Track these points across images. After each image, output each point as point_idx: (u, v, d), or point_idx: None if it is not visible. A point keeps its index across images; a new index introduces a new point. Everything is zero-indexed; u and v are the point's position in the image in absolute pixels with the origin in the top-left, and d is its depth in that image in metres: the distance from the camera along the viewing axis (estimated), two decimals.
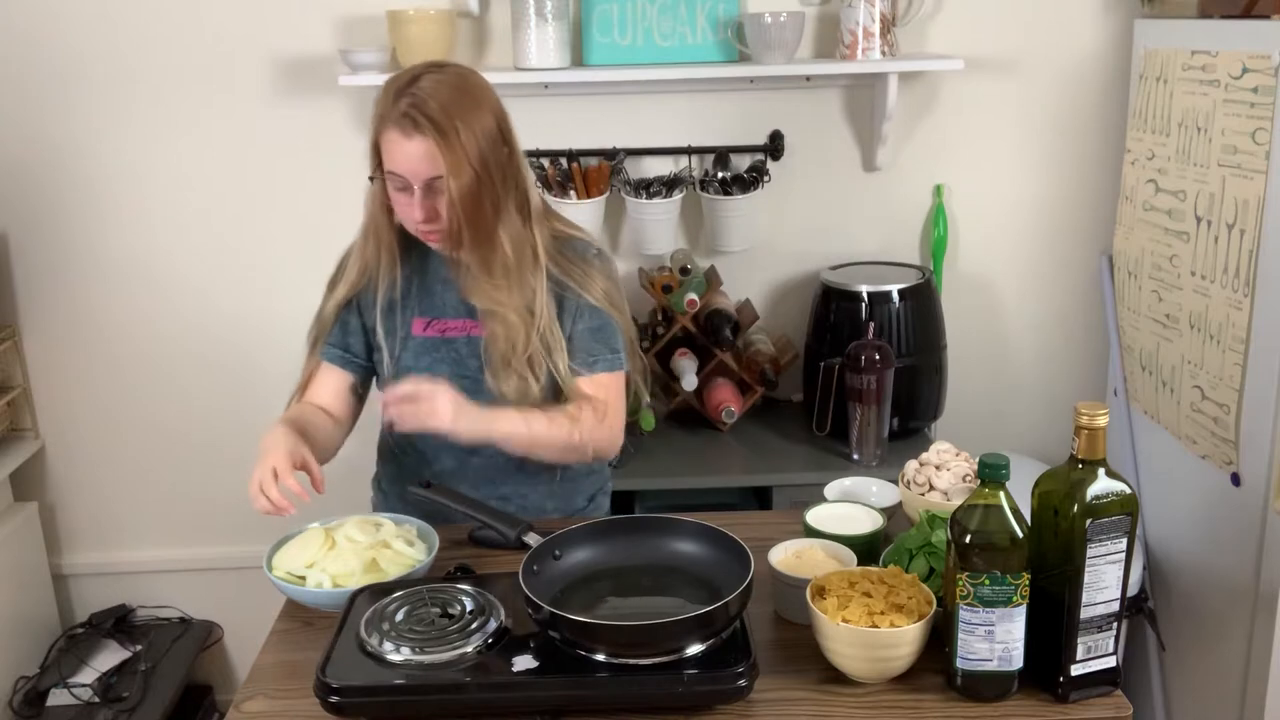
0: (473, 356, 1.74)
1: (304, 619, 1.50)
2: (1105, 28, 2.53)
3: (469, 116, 1.59)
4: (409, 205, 1.62)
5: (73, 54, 2.49)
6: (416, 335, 1.76)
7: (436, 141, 1.56)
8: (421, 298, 1.77)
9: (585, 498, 1.90)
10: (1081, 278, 2.69)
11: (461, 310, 1.75)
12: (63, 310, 2.64)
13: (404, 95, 1.58)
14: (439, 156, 1.57)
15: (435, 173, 1.58)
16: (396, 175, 1.61)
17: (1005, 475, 1.24)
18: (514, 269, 1.68)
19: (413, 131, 1.56)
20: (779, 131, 2.55)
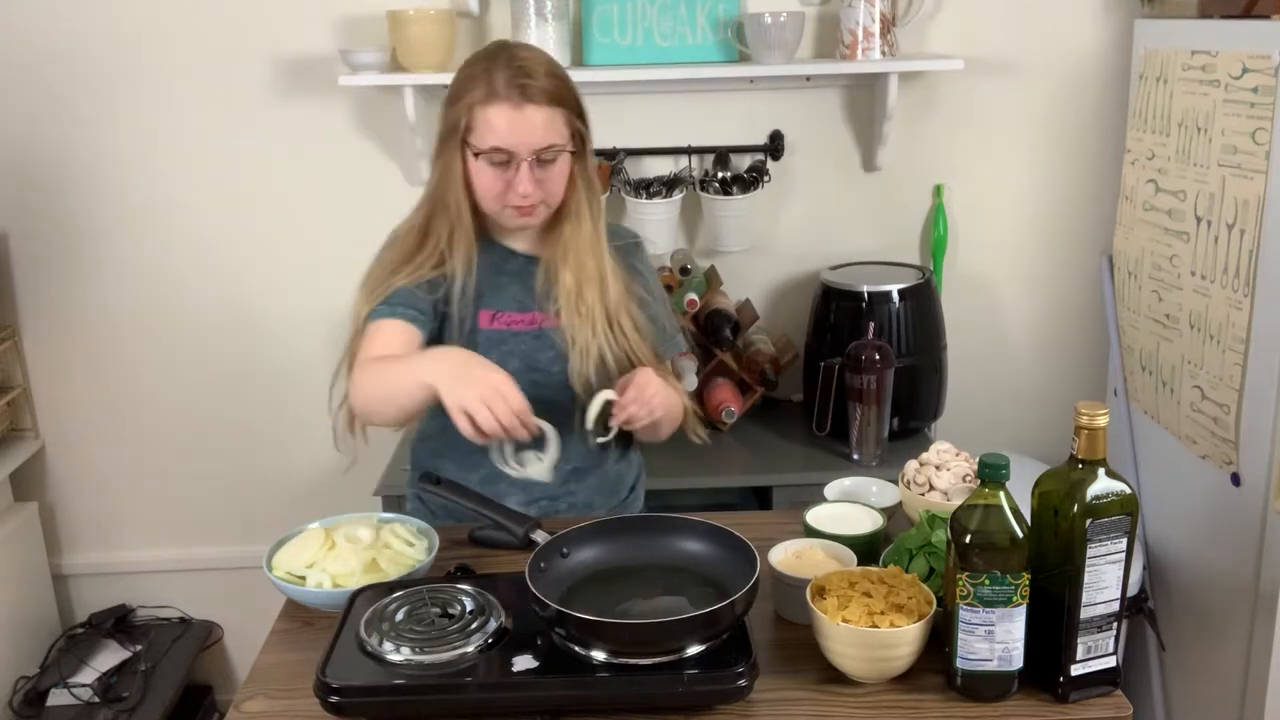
0: (541, 350, 1.72)
1: (304, 619, 1.50)
2: (1105, 28, 2.53)
3: (567, 84, 1.61)
4: (507, 180, 1.59)
5: (73, 54, 2.49)
6: (483, 328, 1.72)
7: (546, 109, 1.57)
8: (486, 289, 1.73)
9: (626, 488, 1.88)
10: (1081, 278, 2.69)
11: (528, 304, 1.72)
12: (63, 310, 2.64)
13: (507, 68, 1.57)
14: (550, 124, 1.57)
15: (548, 142, 1.58)
16: (502, 150, 1.58)
17: (1005, 475, 1.24)
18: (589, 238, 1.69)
19: (524, 102, 1.56)
20: (779, 131, 2.55)
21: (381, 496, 2.32)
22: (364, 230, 2.61)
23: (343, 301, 2.62)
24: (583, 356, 1.67)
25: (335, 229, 2.61)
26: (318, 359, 2.68)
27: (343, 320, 2.66)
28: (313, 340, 2.67)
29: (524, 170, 1.59)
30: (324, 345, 2.68)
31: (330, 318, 2.67)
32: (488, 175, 1.62)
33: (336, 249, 2.62)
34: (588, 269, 1.68)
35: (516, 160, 1.59)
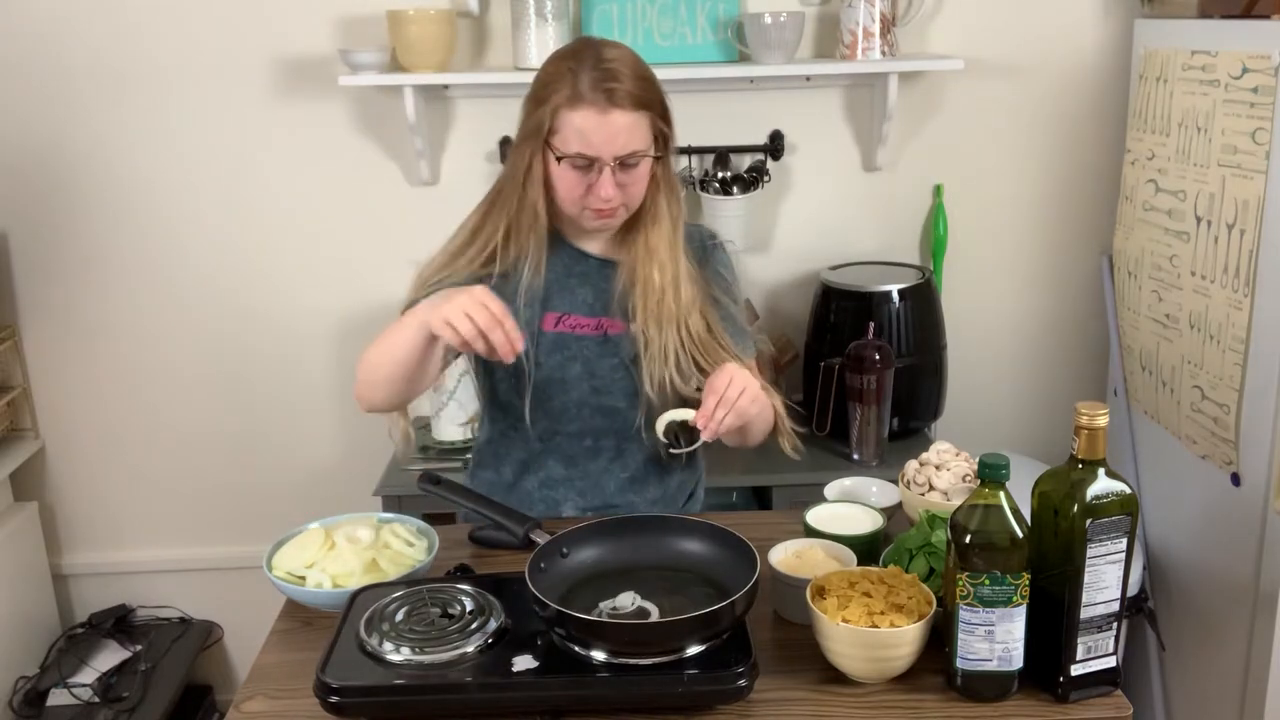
0: (605, 356, 1.69)
1: (304, 619, 1.50)
2: (1105, 28, 2.53)
3: (654, 88, 1.58)
4: (589, 184, 1.57)
5: (73, 54, 2.49)
6: (547, 331, 1.69)
7: (631, 115, 1.54)
8: (555, 291, 1.70)
9: (686, 495, 1.85)
10: (1081, 278, 2.69)
11: (596, 308, 1.70)
12: (63, 310, 2.64)
13: (594, 70, 1.54)
14: (634, 130, 1.55)
15: (633, 147, 1.56)
16: (584, 155, 1.55)
17: (1005, 475, 1.24)
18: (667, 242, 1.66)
19: (609, 106, 1.53)
20: (779, 131, 2.55)
21: (381, 496, 2.32)
22: (364, 230, 2.63)
23: (344, 300, 2.65)
24: (658, 359, 1.65)
25: (335, 229, 2.61)
26: (318, 358, 2.69)
27: (343, 319, 2.69)
28: (313, 339, 2.67)
29: (606, 175, 1.56)
30: (324, 344, 2.68)
31: (330, 316, 2.67)
32: (569, 178, 1.59)
33: (336, 249, 2.62)
34: (669, 272, 1.65)
35: (600, 164, 1.56)
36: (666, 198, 1.66)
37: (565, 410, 1.71)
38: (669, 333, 1.65)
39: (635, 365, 1.68)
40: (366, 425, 2.70)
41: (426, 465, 2.38)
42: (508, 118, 2.50)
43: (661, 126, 1.61)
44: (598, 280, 1.71)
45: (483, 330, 1.42)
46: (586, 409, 1.71)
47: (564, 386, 1.69)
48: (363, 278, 2.64)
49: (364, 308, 2.65)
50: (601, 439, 1.74)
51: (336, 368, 2.70)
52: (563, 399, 1.70)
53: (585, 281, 1.71)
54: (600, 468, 1.75)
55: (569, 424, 1.72)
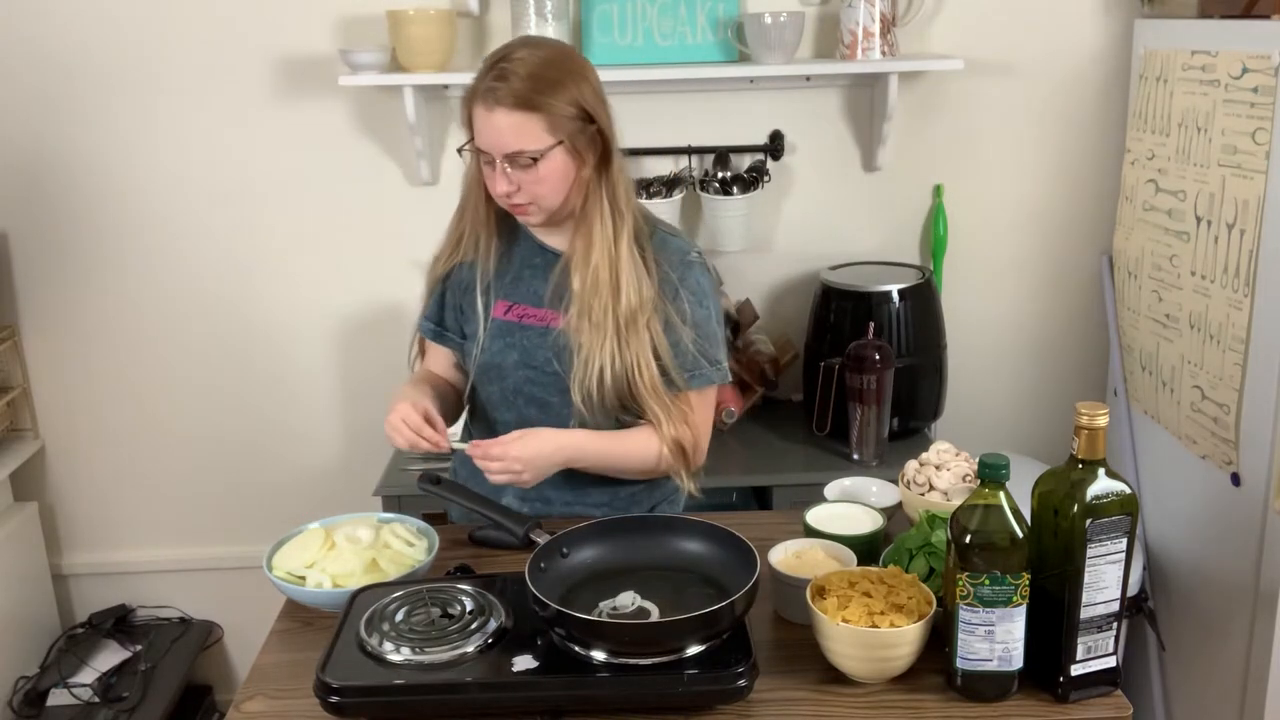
0: (541, 348, 1.71)
1: (304, 619, 1.50)
2: (1105, 28, 2.53)
3: (551, 91, 1.59)
4: (493, 178, 1.63)
5: (73, 54, 2.49)
6: (497, 318, 1.74)
7: (515, 115, 1.57)
8: (509, 280, 1.75)
9: (646, 509, 1.84)
10: (1081, 278, 2.69)
11: (545, 299, 1.72)
12: (63, 310, 2.64)
13: (492, 70, 1.59)
14: (518, 130, 1.58)
15: (515, 146, 1.59)
16: (479, 149, 1.62)
17: (1005, 475, 1.24)
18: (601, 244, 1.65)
19: (494, 105, 1.57)
20: (779, 131, 2.55)
21: (381, 496, 2.32)
22: (364, 230, 2.63)
23: (343, 300, 2.65)
24: (585, 366, 1.65)
25: (335, 229, 2.61)
26: (318, 358, 2.69)
27: (343, 319, 2.69)
28: (313, 339, 2.67)
29: (497, 170, 1.61)
30: (324, 344, 2.68)
31: (330, 316, 2.67)
32: (484, 171, 1.65)
33: (337, 248, 2.62)
34: (600, 277, 1.65)
35: (494, 160, 1.61)
36: (600, 204, 1.66)
37: (503, 397, 1.75)
38: (600, 342, 1.65)
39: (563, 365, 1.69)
40: (366, 425, 2.71)
41: (426, 465, 2.38)
42: None
43: (574, 127, 1.61)
44: (550, 272, 1.73)
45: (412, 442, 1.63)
46: (521, 398, 1.74)
47: (500, 373, 1.72)
48: (362, 278, 2.64)
49: (364, 308, 2.66)
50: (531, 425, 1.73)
51: (336, 368, 2.70)
52: (500, 385, 1.74)
53: (540, 273, 1.74)
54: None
55: (505, 412, 1.75)
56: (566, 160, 1.62)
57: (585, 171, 1.64)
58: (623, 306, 1.64)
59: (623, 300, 1.64)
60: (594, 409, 1.66)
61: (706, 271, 1.75)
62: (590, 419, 1.68)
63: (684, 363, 1.69)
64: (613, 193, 1.67)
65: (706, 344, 1.71)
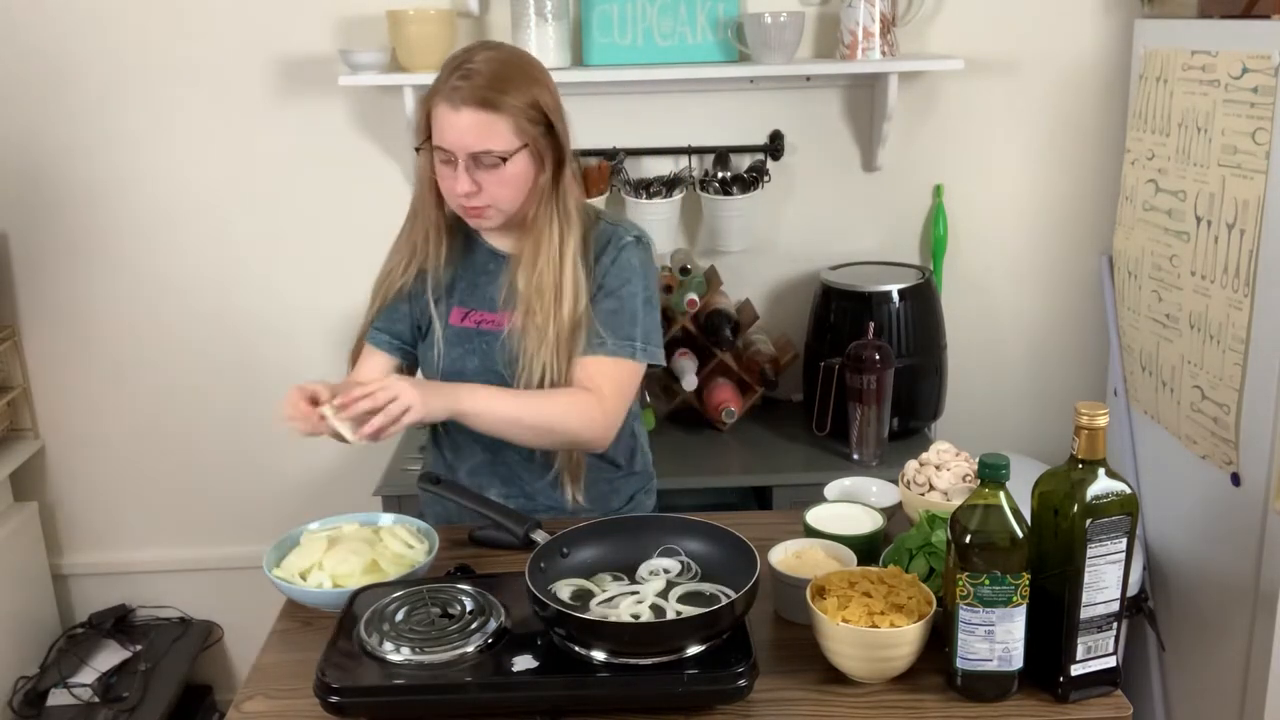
0: (500, 352, 1.71)
1: (304, 619, 1.50)
2: (1105, 28, 2.53)
3: (516, 92, 1.60)
4: (453, 179, 1.62)
5: (73, 54, 2.49)
6: (453, 325, 1.75)
7: (482, 114, 1.57)
8: (463, 287, 1.76)
9: (624, 498, 1.86)
10: (1081, 278, 2.69)
11: (499, 304, 1.72)
12: (63, 310, 2.64)
13: (457, 70, 1.59)
14: (485, 129, 1.58)
15: (481, 146, 1.59)
16: (443, 149, 1.61)
17: (1005, 475, 1.24)
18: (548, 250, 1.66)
19: (460, 104, 1.58)
20: (779, 131, 2.55)
21: (381, 496, 2.32)
22: (364, 230, 2.62)
23: (343, 300, 2.65)
24: (529, 369, 1.67)
25: (335, 229, 2.61)
26: (318, 358, 2.69)
27: (342, 319, 2.69)
28: (312, 339, 2.67)
29: (460, 170, 1.60)
30: (324, 344, 2.68)
31: (330, 316, 2.67)
32: (440, 172, 1.65)
33: (336, 248, 2.62)
34: (544, 280, 1.65)
35: (455, 160, 1.61)
36: (550, 208, 1.66)
37: None
38: (540, 344, 1.66)
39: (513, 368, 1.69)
40: None
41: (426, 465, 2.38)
42: None
43: (535, 131, 1.62)
44: (503, 276, 1.73)
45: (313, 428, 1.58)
46: None
47: (462, 379, 1.72)
48: (362, 278, 2.61)
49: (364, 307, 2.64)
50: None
51: (336, 368, 2.69)
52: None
53: (494, 279, 1.74)
54: (517, 459, 1.78)
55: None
56: (529, 164, 1.63)
57: (543, 178, 1.65)
58: (565, 313, 1.66)
59: (565, 307, 1.66)
60: None
61: (642, 253, 1.73)
62: None
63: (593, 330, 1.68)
64: (564, 200, 1.68)
65: (621, 319, 1.69)
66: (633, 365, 1.71)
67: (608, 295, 1.70)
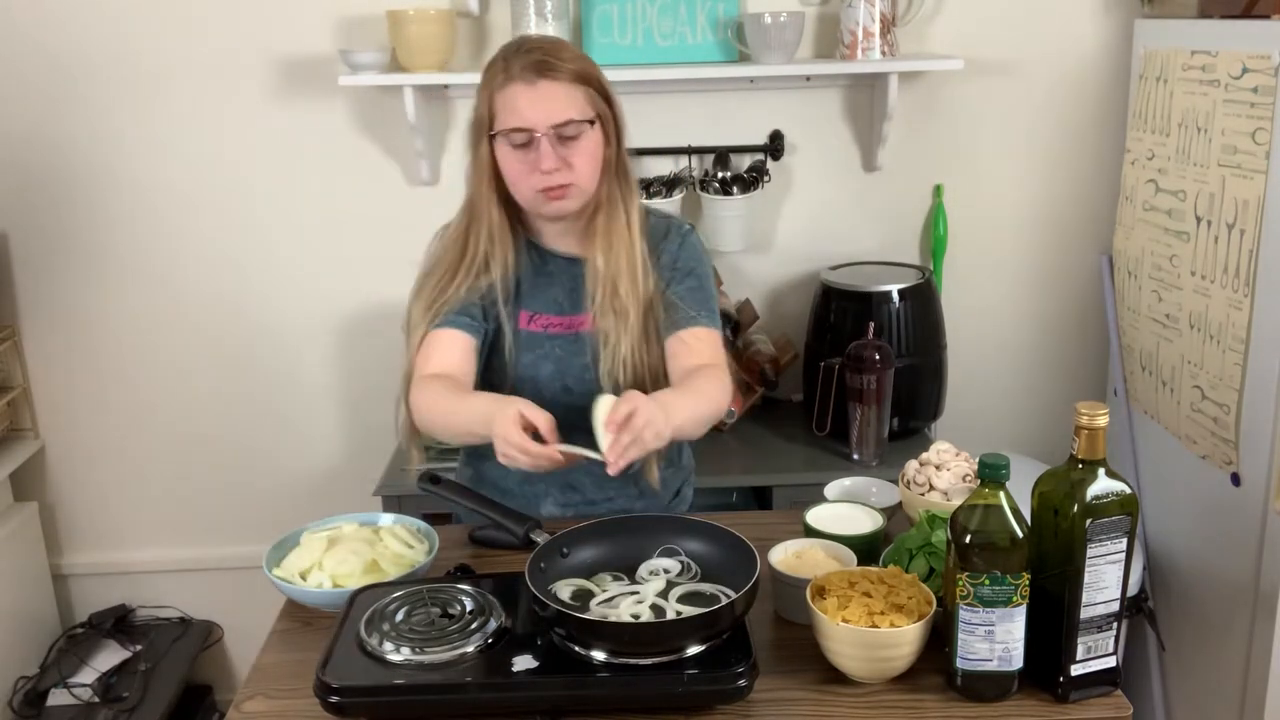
0: (576, 355, 1.70)
1: (304, 619, 1.50)
2: (1105, 28, 2.53)
3: (581, 65, 1.60)
4: (530, 162, 1.57)
5: (73, 54, 2.49)
6: (521, 329, 1.72)
7: (560, 85, 1.56)
8: (525, 289, 1.72)
9: (671, 492, 1.85)
10: (1081, 278, 2.69)
11: (566, 307, 1.71)
12: (63, 310, 2.64)
13: (519, 53, 1.58)
14: (565, 99, 1.56)
15: (564, 116, 1.56)
16: (522, 130, 1.56)
17: (1005, 475, 1.24)
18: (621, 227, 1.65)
19: (535, 78, 1.55)
20: (779, 131, 2.55)
21: (381, 496, 2.32)
22: (364, 230, 2.63)
23: (343, 300, 2.65)
24: (614, 355, 1.65)
25: (335, 229, 2.61)
26: (318, 358, 2.69)
27: (343, 319, 2.69)
28: (313, 339, 2.67)
29: (545, 146, 1.56)
30: (324, 344, 2.68)
31: (330, 316, 2.67)
32: (513, 160, 1.60)
33: (337, 249, 2.62)
34: (622, 261, 1.64)
35: (537, 139, 1.56)
36: (620, 185, 1.67)
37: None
38: (623, 326, 1.65)
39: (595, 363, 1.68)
40: (366, 425, 2.71)
41: (427, 465, 2.38)
42: None
43: (602, 106, 1.62)
44: (566, 279, 1.72)
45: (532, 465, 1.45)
46: (559, 408, 1.71)
47: (536, 385, 1.70)
48: (363, 278, 2.64)
49: (364, 308, 2.66)
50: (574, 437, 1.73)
51: (337, 368, 2.70)
52: (535, 398, 1.69)
53: (554, 280, 1.72)
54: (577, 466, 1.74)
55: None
56: (600, 139, 1.62)
57: (610, 152, 1.64)
58: (641, 291, 1.65)
59: (641, 286, 1.65)
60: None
61: (701, 241, 1.77)
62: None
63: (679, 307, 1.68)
64: (629, 177, 1.68)
65: (703, 295, 1.71)
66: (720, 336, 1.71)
67: (687, 275, 1.70)
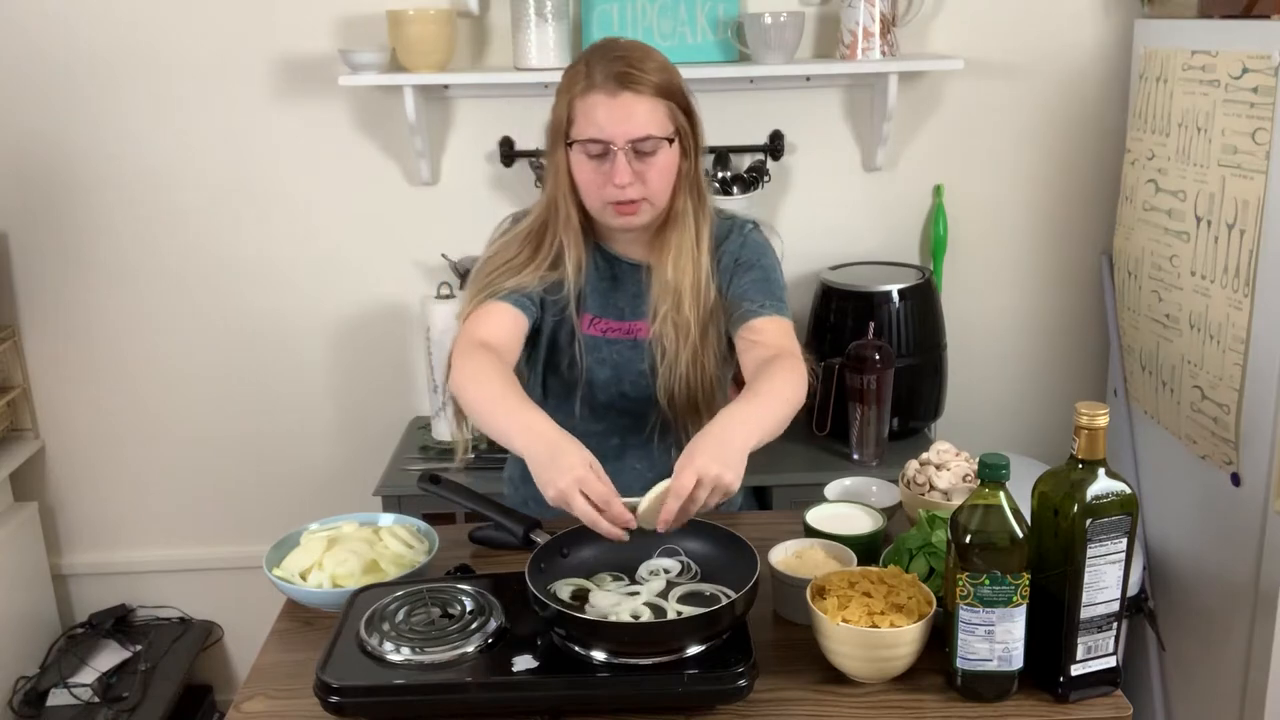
0: (635, 361, 1.70)
1: (304, 619, 1.50)
2: (1105, 28, 2.53)
3: (666, 77, 1.56)
4: (603, 173, 1.55)
5: (73, 54, 2.49)
6: (583, 332, 1.70)
7: (642, 99, 1.53)
8: (591, 294, 1.70)
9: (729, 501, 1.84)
10: (1081, 278, 2.69)
11: (627, 312, 1.70)
12: (63, 310, 2.64)
13: (608, 60, 1.54)
14: (646, 114, 1.53)
15: (642, 131, 1.54)
16: (598, 141, 1.54)
17: (1005, 475, 1.24)
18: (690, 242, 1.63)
19: (619, 90, 1.52)
20: (779, 131, 2.55)
21: (381, 496, 2.32)
22: (364, 230, 2.63)
23: (343, 300, 2.65)
24: (671, 369, 1.64)
25: (335, 229, 2.61)
26: (317, 358, 2.69)
27: (343, 319, 2.69)
28: (313, 339, 2.67)
29: (620, 160, 1.54)
30: (324, 344, 2.68)
31: (330, 316, 2.67)
32: (586, 168, 1.57)
33: (336, 248, 2.62)
34: (688, 278, 1.62)
35: (613, 151, 1.54)
36: (694, 199, 1.64)
37: (594, 411, 1.72)
38: (683, 339, 1.64)
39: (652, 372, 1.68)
40: (366, 425, 2.71)
41: (426, 465, 2.38)
42: (508, 118, 2.54)
43: (682, 121, 1.59)
44: (630, 284, 1.70)
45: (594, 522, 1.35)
46: (614, 411, 1.72)
47: (592, 390, 1.70)
48: (363, 278, 2.64)
49: (364, 308, 2.66)
50: (628, 439, 1.75)
51: (336, 368, 2.70)
52: (591, 401, 1.71)
53: (618, 285, 1.71)
54: (627, 467, 1.75)
55: (597, 423, 1.73)
56: (677, 155, 1.60)
57: (687, 166, 1.62)
58: (703, 306, 1.64)
59: (703, 300, 1.64)
60: (677, 409, 1.67)
61: (764, 235, 1.73)
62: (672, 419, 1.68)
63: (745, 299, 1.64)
64: (700, 194, 1.65)
65: (769, 285, 1.66)
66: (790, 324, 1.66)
67: (749, 268, 1.67)
